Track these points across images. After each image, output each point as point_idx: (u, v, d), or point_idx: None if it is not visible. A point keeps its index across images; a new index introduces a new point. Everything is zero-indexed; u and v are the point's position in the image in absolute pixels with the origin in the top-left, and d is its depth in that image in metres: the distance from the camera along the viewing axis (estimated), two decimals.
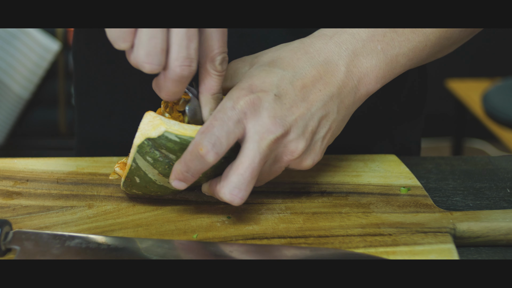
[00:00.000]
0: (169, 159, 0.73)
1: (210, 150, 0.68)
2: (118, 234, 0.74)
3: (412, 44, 0.79)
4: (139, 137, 0.73)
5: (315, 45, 0.76)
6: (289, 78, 0.73)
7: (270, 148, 0.71)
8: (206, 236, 0.74)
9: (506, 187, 0.87)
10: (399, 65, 0.78)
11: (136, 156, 0.74)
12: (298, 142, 0.72)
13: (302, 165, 0.75)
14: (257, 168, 0.70)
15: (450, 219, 0.76)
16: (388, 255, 0.70)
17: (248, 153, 0.70)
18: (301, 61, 0.74)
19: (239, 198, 0.71)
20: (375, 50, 0.76)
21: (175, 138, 0.72)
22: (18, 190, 0.83)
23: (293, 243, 0.73)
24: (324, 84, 0.74)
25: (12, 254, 0.71)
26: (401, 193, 0.82)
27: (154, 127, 0.72)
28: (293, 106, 0.72)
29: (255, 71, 0.74)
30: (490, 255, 0.74)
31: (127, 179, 0.76)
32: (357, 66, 0.75)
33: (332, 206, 0.80)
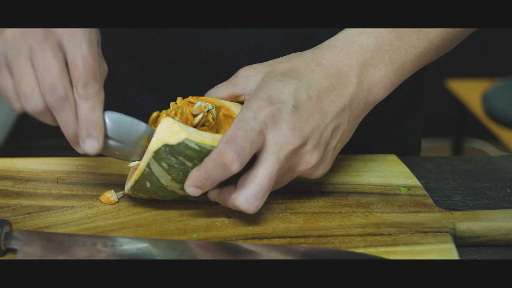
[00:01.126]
0: (185, 166, 0.72)
1: (236, 160, 0.69)
2: (118, 234, 0.74)
3: (418, 50, 0.80)
4: (155, 143, 0.72)
5: (327, 57, 0.77)
6: (305, 89, 0.74)
7: (287, 159, 0.72)
8: (206, 236, 0.74)
9: (506, 187, 0.87)
10: (406, 72, 0.80)
11: (150, 161, 0.73)
12: (313, 153, 0.74)
13: (313, 175, 0.76)
14: (274, 178, 0.72)
15: (450, 219, 0.76)
16: (388, 255, 0.70)
17: (267, 163, 0.71)
18: (315, 72, 0.76)
19: (255, 206, 0.72)
20: (383, 60, 0.78)
21: (195, 146, 0.71)
22: (18, 190, 0.83)
23: (293, 243, 0.73)
24: (337, 96, 0.75)
25: (12, 254, 0.71)
26: (401, 193, 0.82)
27: (173, 134, 0.72)
28: (310, 118, 0.73)
29: (271, 81, 0.75)
30: (490, 255, 0.74)
31: (137, 183, 0.75)
32: (367, 77, 0.77)
33: (332, 206, 0.80)
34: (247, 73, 0.79)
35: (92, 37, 0.72)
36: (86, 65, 0.71)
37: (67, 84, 0.71)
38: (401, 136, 1.01)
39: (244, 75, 0.79)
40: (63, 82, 0.71)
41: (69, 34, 0.71)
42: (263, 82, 0.76)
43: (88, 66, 0.71)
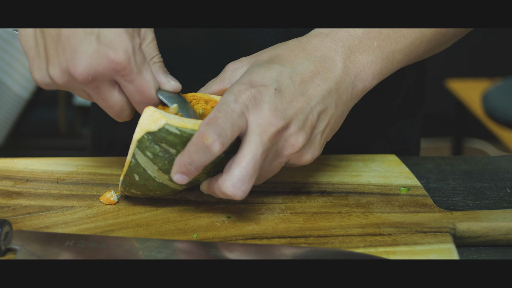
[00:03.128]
0: (169, 154, 0.72)
1: (216, 140, 0.68)
2: (118, 234, 0.74)
3: (408, 40, 0.79)
4: (138, 132, 0.73)
5: (312, 43, 0.76)
6: (288, 73, 0.74)
7: (272, 141, 0.71)
8: (206, 236, 0.74)
9: (506, 187, 0.87)
10: (396, 61, 0.79)
11: (135, 152, 0.73)
12: (298, 135, 0.73)
13: (302, 160, 0.75)
14: (259, 161, 0.71)
15: (450, 219, 0.76)
16: (388, 255, 0.70)
17: (250, 146, 0.70)
18: (299, 57, 0.75)
19: (241, 191, 0.70)
20: (371, 47, 0.77)
21: (175, 130, 0.71)
22: (18, 190, 0.83)
23: (293, 243, 0.73)
24: (322, 79, 0.75)
25: (12, 254, 0.71)
26: (401, 193, 0.82)
27: (154, 121, 0.72)
28: (293, 100, 0.73)
29: (254, 68, 0.75)
30: (490, 255, 0.74)
31: (126, 177, 0.76)
32: (354, 62, 0.76)
33: (332, 206, 0.80)
34: (233, 66, 0.79)
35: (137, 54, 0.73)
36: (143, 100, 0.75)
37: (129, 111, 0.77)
38: (401, 136, 1.01)
39: (230, 68, 0.79)
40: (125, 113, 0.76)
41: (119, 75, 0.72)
42: (246, 70, 0.75)
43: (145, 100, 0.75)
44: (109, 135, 1.02)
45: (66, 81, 0.72)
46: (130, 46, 0.72)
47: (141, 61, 0.73)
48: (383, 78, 0.79)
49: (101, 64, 0.71)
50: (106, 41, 0.71)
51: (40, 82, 0.73)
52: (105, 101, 0.74)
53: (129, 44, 0.71)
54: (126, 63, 0.71)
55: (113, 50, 0.71)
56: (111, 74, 0.72)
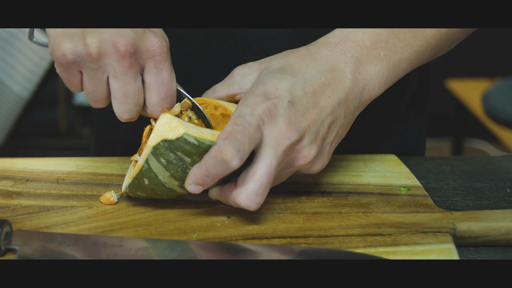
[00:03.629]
0: (183, 162, 0.72)
1: (235, 156, 0.69)
2: (118, 234, 0.74)
3: (414, 48, 0.80)
4: (154, 138, 0.72)
5: (322, 53, 0.77)
6: (300, 84, 0.74)
7: (285, 154, 0.72)
8: (206, 236, 0.74)
9: (506, 187, 0.87)
10: (401, 70, 0.80)
11: (149, 157, 0.73)
12: (311, 147, 0.74)
13: (311, 170, 0.76)
14: (273, 174, 0.72)
15: (450, 219, 0.76)
16: (388, 255, 0.70)
17: (265, 159, 0.71)
18: (309, 68, 0.76)
19: (256, 203, 0.71)
20: (378, 57, 0.78)
21: (193, 141, 0.71)
22: (18, 190, 0.83)
23: (293, 243, 0.73)
24: (333, 91, 0.76)
25: (12, 254, 0.71)
26: (401, 193, 0.82)
27: (172, 129, 0.72)
28: (306, 113, 0.74)
29: (266, 77, 0.75)
30: (490, 255, 0.74)
31: (135, 180, 0.75)
32: (362, 73, 0.77)
33: (332, 206, 0.80)
34: (242, 72, 0.79)
35: None
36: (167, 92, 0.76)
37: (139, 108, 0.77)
38: (406, 136, 1.01)
39: (239, 74, 0.79)
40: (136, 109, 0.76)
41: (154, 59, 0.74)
42: (258, 79, 0.76)
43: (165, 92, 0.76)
44: (111, 137, 1.02)
45: (101, 53, 0.73)
46: (167, 38, 0.76)
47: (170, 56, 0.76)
48: (388, 87, 0.80)
49: (144, 43, 0.73)
50: (150, 27, 0.75)
51: (70, 51, 0.73)
52: (128, 85, 0.74)
53: (166, 36, 0.76)
54: (165, 49, 0.74)
55: (156, 35, 0.74)
56: (148, 56, 0.74)
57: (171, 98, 0.76)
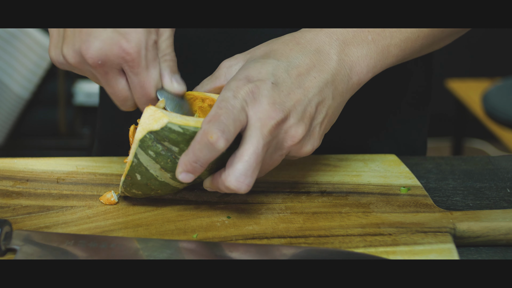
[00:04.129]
0: (172, 152, 0.73)
1: (220, 137, 0.69)
2: (118, 234, 0.74)
3: (404, 35, 0.80)
4: (140, 132, 0.73)
5: (306, 36, 0.77)
6: (284, 67, 0.74)
7: (272, 134, 0.72)
8: (206, 236, 0.74)
9: (506, 187, 0.87)
10: (391, 55, 0.80)
11: (137, 151, 0.73)
12: (298, 126, 0.73)
13: (302, 151, 0.76)
14: (261, 154, 0.71)
15: (450, 219, 0.76)
16: (388, 255, 0.70)
17: (251, 140, 0.71)
18: (293, 51, 0.76)
19: (245, 184, 0.71)
20: (365, 40, 0.78)
21: (178, 129, 0.72)
22: (18, 190, 0.83)
23: (293, 243, 0.73)
24: (318, 72, 0.75)
25: (12, 254, 0.71)
26: (401, 193, 0.82)
27: (156, 120, 0.72)
28: (290, 93, 0.73)
29: (249, 64, 0.75)
30: (490, 255, 0.74)
31: (127, 177, 0.76)
32: (348, 55, 0.77)
33: (332, 206, 0.80)
34: (228, 63, 0.79)
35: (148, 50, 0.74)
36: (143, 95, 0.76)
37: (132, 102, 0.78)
38: (408, 136, 1.01)
39: (225, 66, 0.79)
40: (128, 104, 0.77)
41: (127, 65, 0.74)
42: (243, 66, 0.76)
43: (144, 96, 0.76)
44: (117, 136, 1.02)
45: (77, 62, 0.74)
46: (144, 40, 0.73)
47: (152, 57, 0.74)
48: (378, 72, 0.80)
49: (112, 51, 0.72)
50: (121, 30, 0.72)
51: (54, 59, 0.75)
52: (112, 87, 0.75)
53: (143, 38, 0.73)
54: (135, 55, 0.73)
55: (126, 40, 0.72)
56: (119, 62, 0.73)
57: (147, 101, 0.76)
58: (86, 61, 0.73)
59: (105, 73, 0.74)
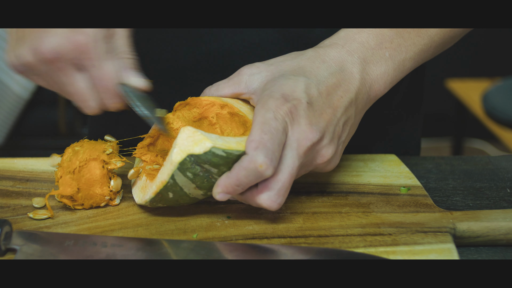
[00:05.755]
0: (209, 173, 0.72)
1: (269, 165, 0.70)
2: (118, 234, 0.74)
3: (418, 47, 0.81)
4: (179, 154, 0.72)
5: (329, 54, 0.78)
6: (314, 85, 0.75)
7: (306, 154, 0.73)
8: (206, 236, 0.74)
9: (506, 187, 0.87)
10: (406, 69, 0.81)
11: (175, 173, 0.72)
12: (329, 147, 0.75)
13: (326, 169, 0.77)
14: (295, 174, 0.72)
15: (450, 218, 0.76)
16: (388, 254, 0.70)
17: (287, 160, 0.72)
18: (320, 69, 0.77)
19: (277, 204, 0.72)
20: (383, 57, 0.79)
21: (222, 153, 0.71)
22: (18, 190, 0.83)
23: (293, 242, 0.73)
24: (344, 91, 0.77)
25: (12, 254, 0.71)
26: (401, 193, 0.82)
27: (197, 143, 0.71)
28: (323, 113, 0.75)
29: (280, 80, 0.75)
30: (490, 255, 0.74)
31: (158, 195, 0.75)
32: (369, 73, 0.79)
33: (332, 206, 0.80)
34: (250, 71, 0.79)
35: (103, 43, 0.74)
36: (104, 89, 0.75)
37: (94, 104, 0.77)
38: (401, 136, 1.01)
39: (247, 73, 0.79)
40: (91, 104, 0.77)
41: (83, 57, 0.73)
42: (272, 81, 0.76)
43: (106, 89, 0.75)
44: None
45: (32, 60, 0.73)
46: (100, 34, 0.73)
47: (108, 50, 0.74)
48: (392, 86, 0.81)
49: (68, 44, 0.72)
50: (77, 29, 0.73)
51: (10, 61, 0.75)
52: (70, 85, 0.75)
53: (98, 32, 0.73)
54: (90, 45, 0.73)
55: (81, 33, 0.73)
56: (75, 55, 0.73)
57: (110, 94, 0.75)
58: (42, 56, 0.73)
59: (61, 69, 0.74)
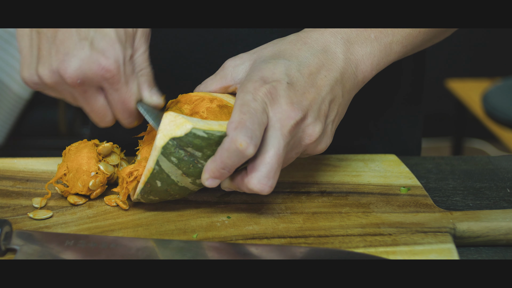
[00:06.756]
0: (194, 157, 0.72)
1: (250, 143, 0.69)
2: (118, 234, 0.74)
3: (406, 31, 0.81)
4: (161, 138, 0.72)
5: (312, 36, 0.78)
6: (295, 66, 0.75)
7: (291, 133, 0.73)
8: (206, 236, 0.74)
9: (506, 187, 0.87)
10: (394, 52, 0.81)
11: (159, 158, 0.73)
12: (315, 125, 0.74)
13: (317, 149, 0.77)
14: (282, 155, 0.72)
15: (450, 219, 0.76)
16: (388, 255, 0.70)
17: (272, 141, 0.72)
18: (302, 51, 0.76)
19: (268, 186, 0.72)
20: (368, 39, 0.79)
21: (203, 134, 0.71)
22: (18, 190, 0.83)
23: (293, 243, 0.73)
24: (328, 70, 0.76)
25: (12, 254, 0.71)
26: (401, 193, 0.82)
27: (178, 126, 0.72)
28: (306, 92, 0.74)
29: (260, 64, 0.76)
30: (490, 255, 0.74)
31: (147, 184, 0.75)
32: (354, 53, 0.78)
33: (332, 206, 0.80)
34: (234, 63, 0.79)
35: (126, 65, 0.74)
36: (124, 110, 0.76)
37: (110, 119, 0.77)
38: (401, 136, 1.01)
39: (231, 65, 0.79)
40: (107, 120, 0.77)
41: (106, 82, 0.73)
42: (252, 67, 0.76)
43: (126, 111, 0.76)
44: (109, 137, 1.02)
45: (54, 82, 0.74)
46: (121, 56, 0.73)
47: (130, 72, 0.74)
48: (381, 69, 0.81)
49: (91, 69, 0.72)
50: (99, 48, 0.72)
51: (28, 80, 0.75)
52: (91, 105, 0.76)
53: (121, 54, 0.73)
54: (115, 71, 0.73)
55: (104, 57, 0.72)
56: (99, 80, 0.73)
57: (129, 115, 0.76)
58: (64, 81, 0.73)
59: (84, 91, 0.74)
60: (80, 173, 0.79)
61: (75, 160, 0.80)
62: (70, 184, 0.79)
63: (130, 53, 0.74)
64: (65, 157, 0.81)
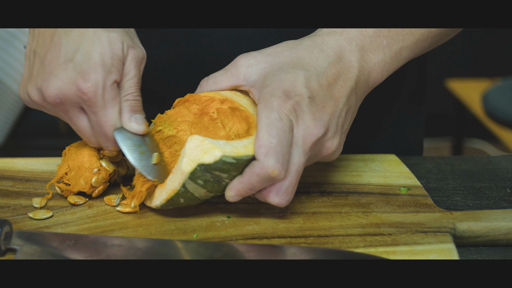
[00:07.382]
0: (220, 178, 0.73)
1: (282, 170, 0.70)
2: (118, 234, 0.74)
3: (415, 37, 0.81)
4: (189, 163, 0.72)
5: (327, 43, 0.78)
6: (314, 78, 0.75)
7: (312, 150, 0.73)
8: (206, 236, 0.74)
9: (506, 187, 0.87)
10: (402, 58, 0.81)
11: (186, 182, 0.73)
12: (333, 139, 0.75)
13: (331, 158, 0.78)
14: (301, 171, 0.73)
15: (450, 219, 0.76)
16: (388, 255, 0.70)
17: (293, 158, 0.72)
18: (319, 60, 0.77)
19: (286, 200, 0.73)
20: (381, 46, 0.79)
21: (232, 160, 0.71)
22: (18, 190, 0.83)
23: (293, 242, 0.73)
24: (344, 81, 0.77)
25: (12, 254, 0.71)
26: (401, 193, 0.82)
27: (206, 152, 0.71)
28: (325, 106, 0.75)
29: (279, 74, 0.75)
30: (490, 255, 0.74)
31: (170, 201, 0.75)
32: (367, 61, 0.79)
33: (332, 206, 0.79)
34: (247, 62, 0.78)
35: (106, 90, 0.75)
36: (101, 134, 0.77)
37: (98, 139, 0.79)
38: (404, 136, 1.01)
39: (244, 64, 0.78)
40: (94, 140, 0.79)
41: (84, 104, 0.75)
42: (272, 75, 0.75)
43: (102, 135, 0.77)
44: None
45: (39, 100, 0.76)
46: (101, 81, 0.74)
47: (109, 97, 0.75)
48: (389, 74, 0.81)
49: (70, 90, 0.74)
50: (80, 70, 0.74)
51: (22, 97, 0.78)
52: (75, 125, 0.77)
53: (101, 78, 0.74)
54: (91, 95, 0.74)
55: (83, 80, 0.74)
56: (78, 101, 0.75)
57: (105, 139, 0.77)
58: (46, 99, 0.75)
59: (65, 111, 0.76)
60: (82, 171, 0.79)
61: (76, 158, 0.80)
62: (72, 182, 0.79)
63: (114, 78, 0.75)
64: (65, 156, 0.81)
